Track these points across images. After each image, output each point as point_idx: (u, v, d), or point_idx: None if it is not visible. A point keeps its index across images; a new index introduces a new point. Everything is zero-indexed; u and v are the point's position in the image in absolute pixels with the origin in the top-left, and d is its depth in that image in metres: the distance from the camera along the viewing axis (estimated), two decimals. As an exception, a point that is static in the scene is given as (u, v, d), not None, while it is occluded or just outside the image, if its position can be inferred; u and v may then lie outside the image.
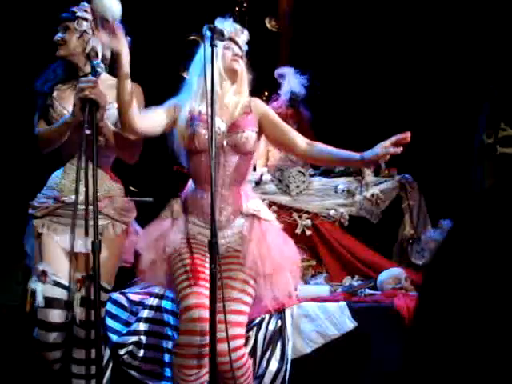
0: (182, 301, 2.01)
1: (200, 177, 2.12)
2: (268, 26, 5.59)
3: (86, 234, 2.12)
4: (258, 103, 2.22)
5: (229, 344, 1.88)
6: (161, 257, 2.11)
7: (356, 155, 2.06)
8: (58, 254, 2.18)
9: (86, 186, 2.09)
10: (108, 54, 2.31)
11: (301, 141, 2.17)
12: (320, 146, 2.15)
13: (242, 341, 2.04)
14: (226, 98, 2.14)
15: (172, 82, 2.32)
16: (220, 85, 2.12)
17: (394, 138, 1.98)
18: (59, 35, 2.30)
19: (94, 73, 2.08)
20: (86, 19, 2.29)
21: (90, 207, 2.12)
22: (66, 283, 2.12)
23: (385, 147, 1.98)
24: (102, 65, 2.12)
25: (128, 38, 2.27)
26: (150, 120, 2.10)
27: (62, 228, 2.19)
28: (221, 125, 2.11)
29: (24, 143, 2.38)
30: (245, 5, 5.22)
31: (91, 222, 2.13)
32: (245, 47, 2.21)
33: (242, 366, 2.02)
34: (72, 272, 2.09)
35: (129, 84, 1.99)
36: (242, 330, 2.02)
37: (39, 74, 2.37)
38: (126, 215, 2.30)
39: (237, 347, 1.98)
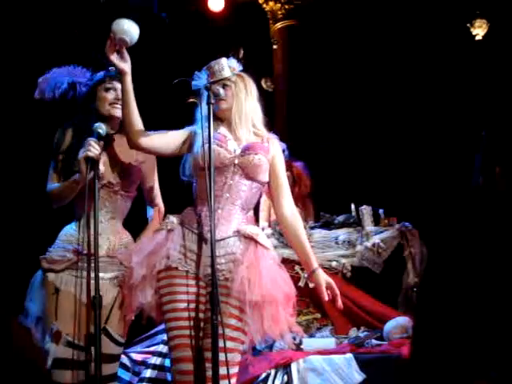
0: (172, 350, 1.98)
1: (204, 194, 2.04)
2: (264, 86, 5.80)
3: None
4: (275, 142, 2.21)
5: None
6: (151, 273, 2.02)
7: (310, 267, 2.08)
8: (73, 312, 2.11)
9: (96, 241, 2.06)
10: None
11: (287, 204, 2.15)
12: (297, 228, 2.13)
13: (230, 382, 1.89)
14: (237, 132, 2.15)
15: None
16: (226, 127, 2.17)
17: (330, 298, 2.06)
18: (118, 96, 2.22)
19: (97, 134, 2.15)
20: None
21: (109, 259, 2.17)
22: (81, 343, 2.07)
23: (322, 292, 2.05)
24: (103, 126, 2.17)
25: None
26: (160, 139, 2.13)
27: (82, 282, 2.13)
28: (236, 147, 2.13)
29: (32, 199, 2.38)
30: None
31: (107, 275, 2.14)
32: (229, 72, 2.17)
33: None
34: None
35: (132, 100, 2.08)
36: (230, 370, 1.88)
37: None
38: None
39: None
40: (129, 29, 1.96)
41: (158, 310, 2.06)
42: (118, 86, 2.21)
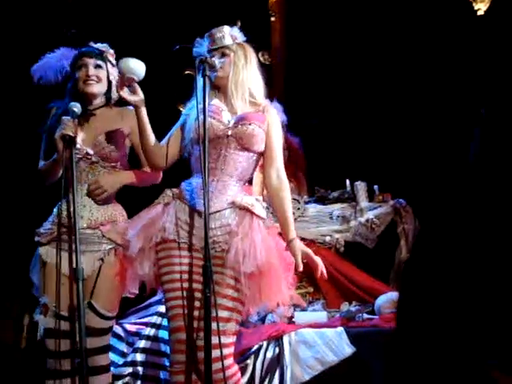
0: (170, 320, 2.02)
1: (199, 166, 2.02)
2: (261, 59, 5.73)
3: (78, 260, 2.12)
4: (273, 111, 2.18)
5: (209, 352, 1.83)
6: (148, 245, 2.05)
7: (287, 237, 2.05)
8: (60, 283, 2.17)
9: (74, 214, 2.12)
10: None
11: (273, 171, 2.12)
12: (281, 197, 2.09)
13: (226, 351, 1.92)
14: (233, 102, 2.13)
15: (169, 114, 2.36)
16: (222, 97, 2.16)
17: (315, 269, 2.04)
18: (93, 71, 2.29)
19: (72, 113, 2.18)
20: (113, 64, 2.35)
21: (91, 231, 2.21)
22: (66, 314, 2.16)
23: (297, 262, 2.01)
24: (78, 105, 2.20)
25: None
26: (171, 153, 2.17)
27: (67, 255, 2.20)
28: (230, 118, 2.11)
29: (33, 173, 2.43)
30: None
31: (88, 248, 2.19)
32: (230, 41, 2.15)
33: (229, 377, 1.93)
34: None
35: (148, 130, 2.13)
36: (224, 339, 1.91)
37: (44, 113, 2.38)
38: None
39: (215, 358, 1.86)
40: (135, 67, 2.07)
41: (158, 282, 2.09)
42: (89, 61, 2.29)
